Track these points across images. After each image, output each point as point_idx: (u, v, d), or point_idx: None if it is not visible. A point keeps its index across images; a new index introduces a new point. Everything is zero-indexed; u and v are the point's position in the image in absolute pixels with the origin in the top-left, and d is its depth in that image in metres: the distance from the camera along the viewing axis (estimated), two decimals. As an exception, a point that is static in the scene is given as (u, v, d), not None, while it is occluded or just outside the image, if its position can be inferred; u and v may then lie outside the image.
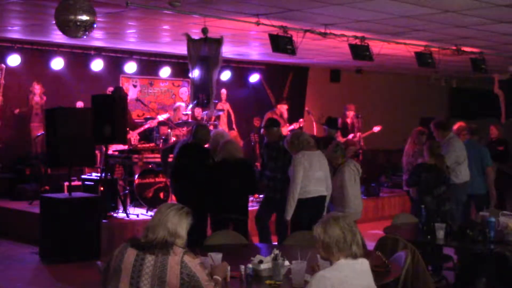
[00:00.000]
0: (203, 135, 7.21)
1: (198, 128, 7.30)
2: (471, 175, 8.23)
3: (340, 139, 11.26)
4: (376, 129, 12.01)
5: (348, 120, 11.96)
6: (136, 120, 11.50)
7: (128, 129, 10.10)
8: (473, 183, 8.24)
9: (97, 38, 10.49)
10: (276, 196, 7.28)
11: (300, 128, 10.25)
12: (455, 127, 8.99)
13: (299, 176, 6.52)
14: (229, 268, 3.96)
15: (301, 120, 12.04)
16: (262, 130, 9.03)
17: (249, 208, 7.00)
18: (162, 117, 10.54)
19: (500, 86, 14.47)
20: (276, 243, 6.92)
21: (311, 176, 6.59)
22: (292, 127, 11.51)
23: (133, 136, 10.30)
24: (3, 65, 10.58)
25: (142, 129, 10.49)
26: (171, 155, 7.81)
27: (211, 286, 3.57)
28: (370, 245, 5.38)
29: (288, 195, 6.58)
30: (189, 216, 3.64)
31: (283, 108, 11.62)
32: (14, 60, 10.68)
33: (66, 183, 9.32)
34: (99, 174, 9.40)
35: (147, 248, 3.52)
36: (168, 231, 3.54)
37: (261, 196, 8.74)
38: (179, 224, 3.58)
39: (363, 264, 3.45)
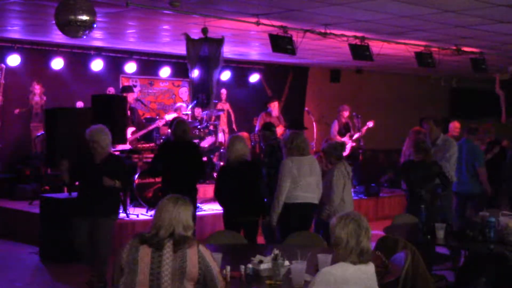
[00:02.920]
0: (183, 130, 7.16)
1: (177, 124, 7.24)
2: (465, 174, 8.17)
3: (338, 138, 11.26)
4: (370, 124, 12.00)
5: (344, 120, 11.96)
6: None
7: (135, 128, 10.08)
8: (468, 182, 8.17)
9: (97, 38, 10.49)
10: None
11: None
12: (452, 126, 8.98)
13: (284, 183, 6.36)
14: (229, 268, 3.97)
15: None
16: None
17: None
18: (169, 116, 10.46)
19: (501, 86, 14.47)
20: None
21: (299, 182, 6.41)
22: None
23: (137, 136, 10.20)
24: (3, 65, 10.58)
25: (150, 128, 10.26)
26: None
27: (221, 277, 3.69)
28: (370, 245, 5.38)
29: (272, 200, 6.43)
30: (191, 203, 3.79)
31: (272, 106, 11.48)
32: (14, 60, 10.67)
33: (66, 183, 9.32)
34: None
35: (163, 246, 3.58)
36: (183, 226, 3.64)
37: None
38: (189, 216, 3.70)
39: (368, 268, 3.46)
